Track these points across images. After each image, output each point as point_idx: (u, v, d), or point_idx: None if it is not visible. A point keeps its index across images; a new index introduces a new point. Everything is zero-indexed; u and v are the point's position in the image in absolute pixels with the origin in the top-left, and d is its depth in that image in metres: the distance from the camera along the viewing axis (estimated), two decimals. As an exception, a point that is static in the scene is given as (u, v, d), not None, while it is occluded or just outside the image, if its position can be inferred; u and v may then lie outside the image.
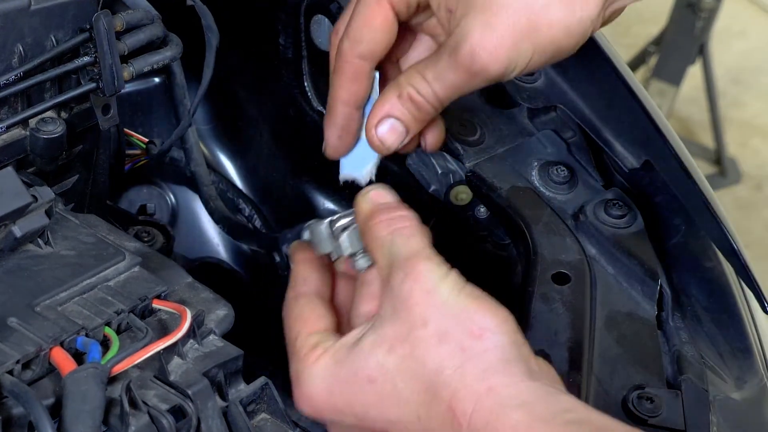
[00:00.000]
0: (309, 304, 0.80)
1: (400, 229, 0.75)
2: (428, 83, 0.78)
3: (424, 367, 0.70)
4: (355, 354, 0.73)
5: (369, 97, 0.83)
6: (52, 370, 0.75)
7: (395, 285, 0.73)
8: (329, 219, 0.80)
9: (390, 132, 0.80)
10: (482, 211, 1.07)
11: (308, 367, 0.75)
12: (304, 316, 0.79)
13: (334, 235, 0.79)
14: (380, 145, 0.80)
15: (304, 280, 0.81)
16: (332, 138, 0.85)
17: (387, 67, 0.87)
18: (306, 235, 0.83)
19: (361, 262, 0.79)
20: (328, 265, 0.82)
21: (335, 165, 0.95)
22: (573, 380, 0.88)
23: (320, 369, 0.74)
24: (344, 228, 0.79)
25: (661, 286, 0.97)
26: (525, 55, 0.78)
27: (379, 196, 0.78)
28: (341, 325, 0.82)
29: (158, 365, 0.77)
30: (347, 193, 0.94)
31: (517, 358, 0.70)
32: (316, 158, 1.23)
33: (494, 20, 0.76)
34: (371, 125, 0.81)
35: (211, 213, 1.17)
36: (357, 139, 0.85)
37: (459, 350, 0.69)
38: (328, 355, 0.75)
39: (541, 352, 0.89)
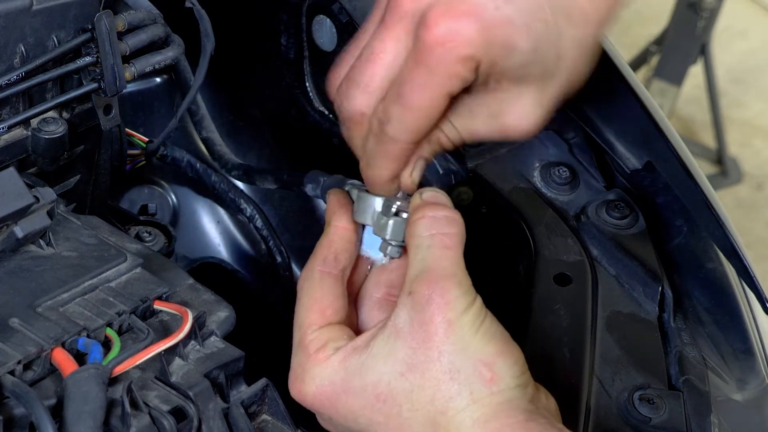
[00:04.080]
0: (333, 290, 0.80)
1: (440, 236, 0.75)
2: (458, 131, 0.78)
3: (432, 403, 0.73)
4: (367, 366, 0.74)
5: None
6: (53, 370, 0.75)
7: (419, 300, 0.73)
8: (387, 198, 0.80)
9: (420, 172, 0.80)
10: (484, 211, 1.07)
11: (315, 366, 0.76)
12: (323, 304, 0.79)
13: (384, 215, 0.79)
14: (413, 185, 0.80)
15: (336, 258, 0.81)
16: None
17: None
18: (347, 186, 0.83)
19: (393, 251, 0.80)
20: (359, 235, 0.83)
21: (337, 166, 0.95)
22: (574, 382, 0.88)
23: (329, 371, 0.76)
24: (397, 213, 0.79)
25: (662, 287, 0.97)
26: (553, 110, 0.78)
27: (434, 196, 0.79)
28: (348, 300, 0.82)
29: (159, 366, 0.77)
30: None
31: (520, 399, 0.73)
32: (317, 158, 1.23)
33: (543, 96, 0.75)
34: (408, 171, 0.79)
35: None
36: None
37: (467, 392, 0.72)
38: (338, 358, 0.76)
39: (542, 354, 0.90)
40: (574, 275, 0.97)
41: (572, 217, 1.03)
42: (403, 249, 0.80)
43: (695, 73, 3.48)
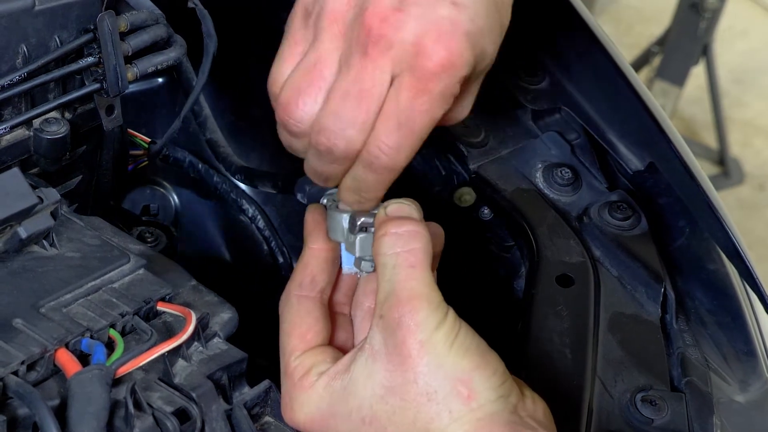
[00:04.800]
0: (312, 313, 0.80)
1: (404, 254, 0.75)
2: None
3: (414, 425, 0.72)
4: (349, 390, 0.74)
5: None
6: (56, 371, 0.75)
7: (389, 324, 0.73)
8: (352, 213, 0.79)
9: None
10: (486, 212, 1.07)
11: (302, 394, 0.76)
12: (302, 328, 0.79)
13: (351, 232, 0.79)
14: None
15: (312, 280, 0.81)
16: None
17: None
18: (324, 201, 0.83)
19: (366, 265, 0.79)
20: (338, 250, 0.82)
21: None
22: (576, 383, 0.88)
23: (315, 398, 0.76)
24: (362, 228, 0.79)
25: (665, 288, 0.97)
26: None
27: (398, 209, 0.78)
28: (340, 315, 0.83)
29: (163, 367, 0.77)
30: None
31: (501, 411, 0.72)
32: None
33: (477, 84, 0.79)
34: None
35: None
36: None
37: (446, 412, 0.72)
38: (322, 383, 0.76)
39: (544, 356, 0.90)
40: (576, 276, 0.97)
41: (574, 218, 1.03)
42: None
43: (697, 73, 3.48)
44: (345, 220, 0.80)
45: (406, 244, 0.75)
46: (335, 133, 0.74)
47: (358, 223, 0.79)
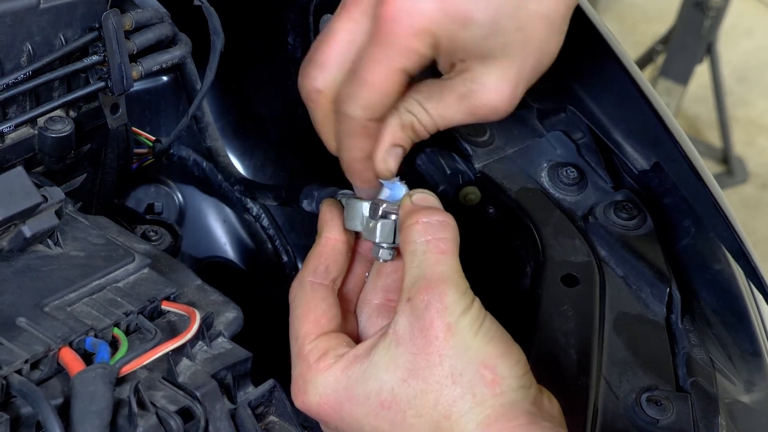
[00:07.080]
0: (326, 299, 0.80)
1: (435, 242, 0.75)
2: (429, 115, 0.77)
3: (435, 408, 0.72)
4: (369, 374, 0.74)
5: None
6: (60, 370, 0.74)
7: (417, 306, 0.74)
8: (373, 201, 0.80)
9: (396, 159, 0.79)
10: (491, 212, 1.07)
11: (318, 376, 0.76)
12: (317, 313, 0.79)
13: (372, 218, 0.80)
14: (387, 172, 0.79)
15: (326, 269, 0.81)
16: (363, 187, 0.84)
17: None
18: (339, 196, 0.84)
19: (384, 253, 0.80)
20: (351, 244, 0.83)
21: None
22: (582, 383, 0.88)
23: (331, 380, 0.76)
24: (384, 215, 0.79)
25: (670, 288, 0.97)
26: (525, 90, 0.77)
27: (423, 199, 0.79)
28: (345, 311, 0.83)
29: (167, 366, 0.77)
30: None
31: (522, 400, 0.73)
32: (323, 158, 1.23)
33: (509, 71, 0.75)
34: (380, 156, 0.79)
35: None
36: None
37: (470, 395, 0.72)
38: (340, 366, 0.76)
39: (549, 355, 0.89)
40: (581, 276, 0.96)
41: (580, 218, 1.03)
42: (396, 251, 0.80)
43: (701, 72, 3.48)
44: (365, 207, 0.80)
45: (436, 232, 0.76)
46: (302, 71, 0.78)
47: (381, 208, 0.80)
